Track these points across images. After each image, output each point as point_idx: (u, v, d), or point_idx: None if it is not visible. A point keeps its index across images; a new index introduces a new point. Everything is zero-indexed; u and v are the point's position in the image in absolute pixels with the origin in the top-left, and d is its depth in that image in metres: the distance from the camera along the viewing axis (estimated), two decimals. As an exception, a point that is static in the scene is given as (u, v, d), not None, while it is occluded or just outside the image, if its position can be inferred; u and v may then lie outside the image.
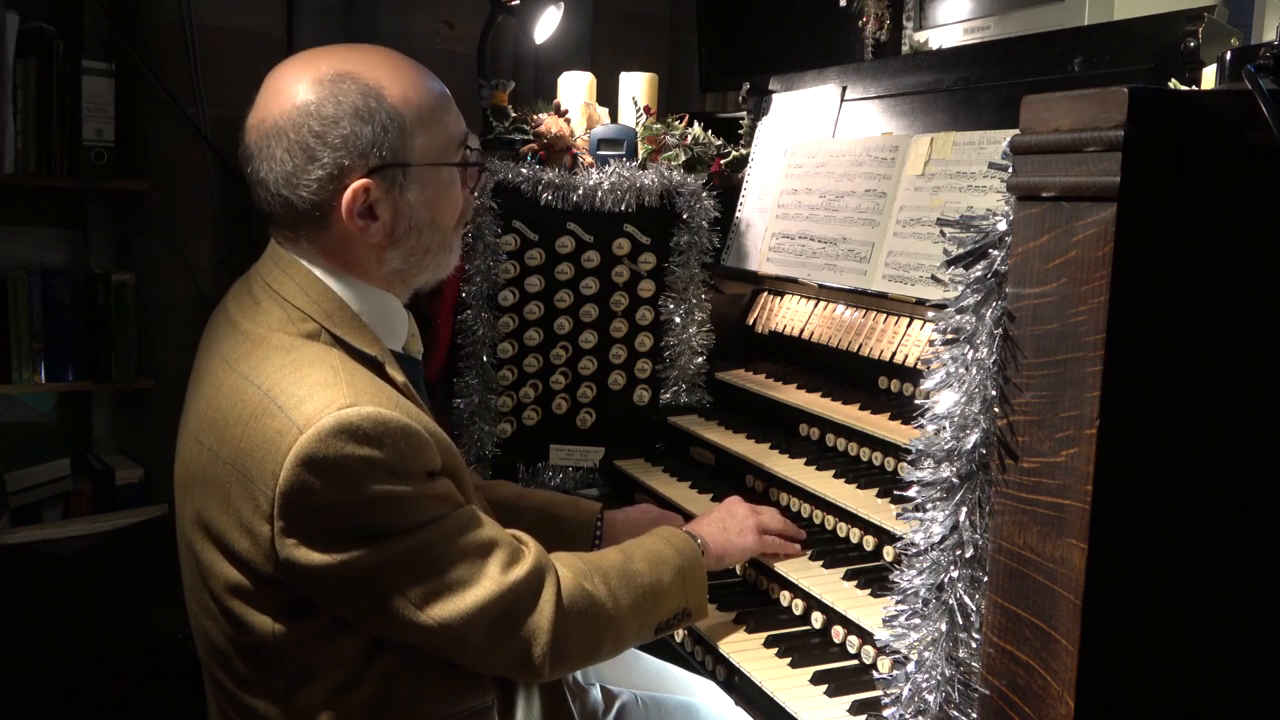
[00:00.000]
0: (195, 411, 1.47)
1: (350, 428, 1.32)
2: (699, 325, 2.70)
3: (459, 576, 1.40)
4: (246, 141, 1.46)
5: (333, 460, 1.31)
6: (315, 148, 1.41)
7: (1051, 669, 1.14)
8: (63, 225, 3.48)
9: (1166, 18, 1.86)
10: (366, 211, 1.45)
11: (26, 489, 3.27)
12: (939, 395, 1.27)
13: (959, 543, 1.26)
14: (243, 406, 1.37)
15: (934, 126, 2.30)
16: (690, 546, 1.74)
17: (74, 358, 3.32)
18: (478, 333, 2.60)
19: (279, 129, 1.42)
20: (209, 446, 1.41)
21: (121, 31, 3.36)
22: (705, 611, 1.75)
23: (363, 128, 1.42)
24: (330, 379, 1.36)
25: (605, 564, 1.60)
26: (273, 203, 1.46)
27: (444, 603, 1.39)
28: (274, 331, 1.44)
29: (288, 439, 1.32)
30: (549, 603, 1.47)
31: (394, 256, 1.51)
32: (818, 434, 2.26)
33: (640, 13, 4.37)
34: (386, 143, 1.43)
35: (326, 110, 1.41)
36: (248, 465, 1.35)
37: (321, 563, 1.34)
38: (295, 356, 1.40)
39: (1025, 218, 1.16)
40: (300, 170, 1.42)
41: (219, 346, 1.50)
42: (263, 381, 1.38)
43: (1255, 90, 1.07)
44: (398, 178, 1.46)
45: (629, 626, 1.59)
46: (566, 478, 2.68)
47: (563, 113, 2.71)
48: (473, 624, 1.40)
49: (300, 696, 1.42)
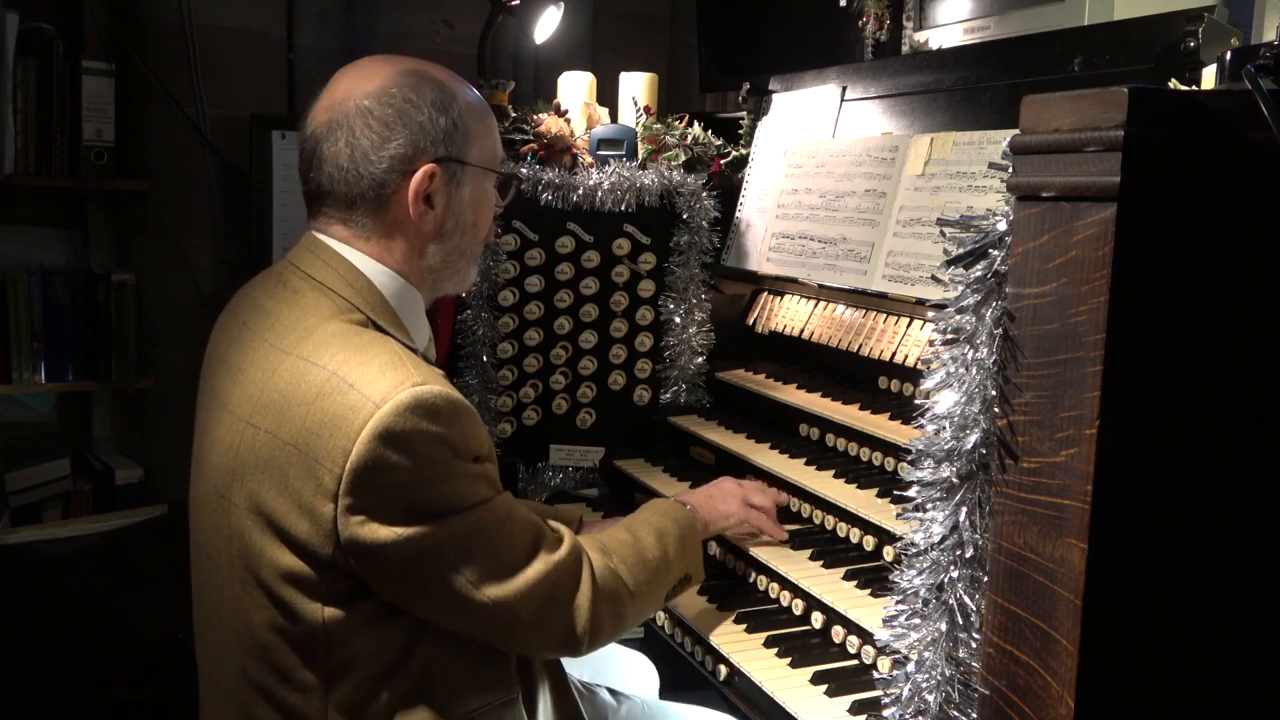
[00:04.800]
0: (242, 397, 1.48)
1: (425, 404, 1.38)
2: (699, 325, 2.70)
3: (509, 558, 1.47)
4: (317, 122, 1.54)
5: (409, 434, 1.36)
6: (395, 125, 1.51)
7: (1051, 669, 1.14)
8: (63, 225, 3.48)
9: (1166, 18, 1.86)
10: (425, 199, 1.55)
11: (26, 489, 3.27)
12: (939, 395, 1.27)
13: (959, 543, 1.26)
14: (306, 387, 1.40)
15: (934, 126, 2.30)
16: (685, 515, 1.83)
17: (74, 358, 3.33)
18: (478, 333, 2.60)
19: (363, 108, 1.51)
20: (266, 429, 1.43)
21: (121, 31, 3.36)
22: (702, 575, 1.83)
23: (439, 118, 1.54)
24: (395, 362, 1.42)
25: (620, 545, 1.67)
26: (336, 182, 1.53)
27: (498, 583, 1.45)
28: (328, 320, 1.48)
29: (363, 414, 1.36)
30: (587, 582, 1.56)
31: (434, 252, 1.59)
32: (818, 434, 2.26)
33: (640, 13, 4.37)
34: (455, 138, 1.55)
35: (410, 95, 1.53)
36: (312, 444, 1.38)
37: (387, 539, 1.38)
38: (357, 341, 1.45)
39: (1025, 218, 1.16)
40: (377, 146, 1.51)
41: (259, 334, 1.52)
42: (328, 362, 1.41)
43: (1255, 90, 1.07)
44: (457, 172, 1.57)
45: (646, 599, 1.68)
46: (566, 478, 2.68)
47: (563, 113, 2.71)
48: (524, 602, 1.47)
49: (338, 689, 1.44)
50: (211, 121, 3.42)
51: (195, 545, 1.59)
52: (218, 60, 3.42)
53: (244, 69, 3.50)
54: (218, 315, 1.67)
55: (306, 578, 1.41)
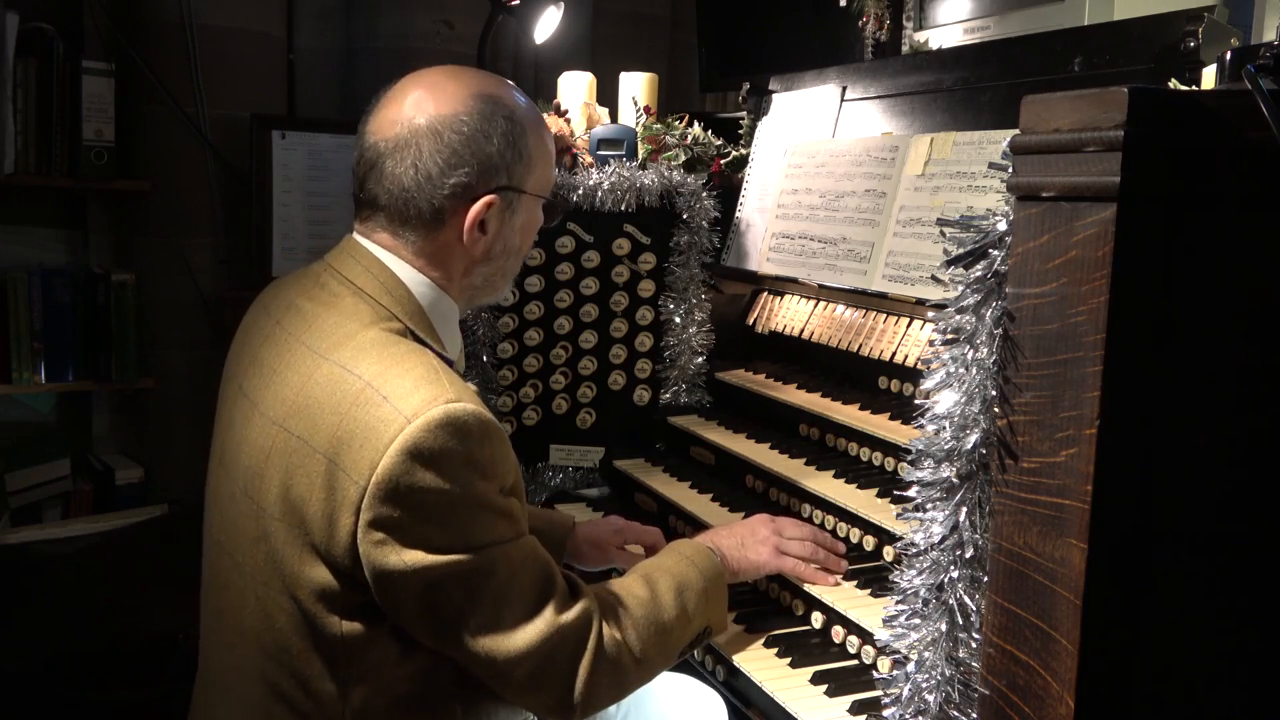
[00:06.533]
0: (275, 400, 1.47)
1: (457, 423, 1.36)
2: (699, 325, 2.70)
3: (513, 612, 1.42)
4: (384, 135, 1.52)
5: (438, 452, 1.35)
6: (463, 155, 1.51)
7: (1051, 669, 1.14)
8: (63, 225, 3.49)
9: (1166, 18, 1.86)
10: (480, 225, 1.55)
11: (26, 489, 3.27)
12: (939, 395, 1.27)
13: (959, 543, 1.26)
14: (341, 396, 1.39)
15: (934, 126, 2.30)
16: (712, 564, 1.73)
17: (74, 358, 3.33)
18: (477, 333, 2.60)
19: (434, 130, 1.50)
20: (298, 434, 1.41)
21: (121, 31, 3.36)
22: (725, 626, 1.75)
23: (506, 150, 1.54)
24: (432, 376, 1.40)
25: (635, 604, 1.59)
26: (395, 198, 1.52)
27: (495, 637, 1.41)
28: (366, 327, 1.48)
29: (393, 427, 1.34)
30: (590, 652, 1.48)
31: (480, 272, 1.61)
32: (818, 434, 2.26)
33: (640, 13, 4.37)
34: (517, 169, 1.56)
35: (480, 126, 1.52)
36: (342, 455, 1.36)
37: (396, 565, 1.36)
38: (394, 351, 1.44)
39: (1025, 218, 1.16)
40: (444, 173, 1.51)
41: (295, 335, 1.51)
42: (364, 372, 1.40)
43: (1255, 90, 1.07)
44: (513, 201, 1.58)
45: (655, 663, 1.60)
46: (566, 478, 2.68)
47: (563, 113, 2.71)
48: (517, 663, 1.43)
49: (357, 702, 1.44)
50: (211, 121, 3.42)
51: (214, 543, 1.57)
52: (218, 60, 3.42)
53: (244, 69, 3.50)
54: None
55: (330, 588, 1.40)
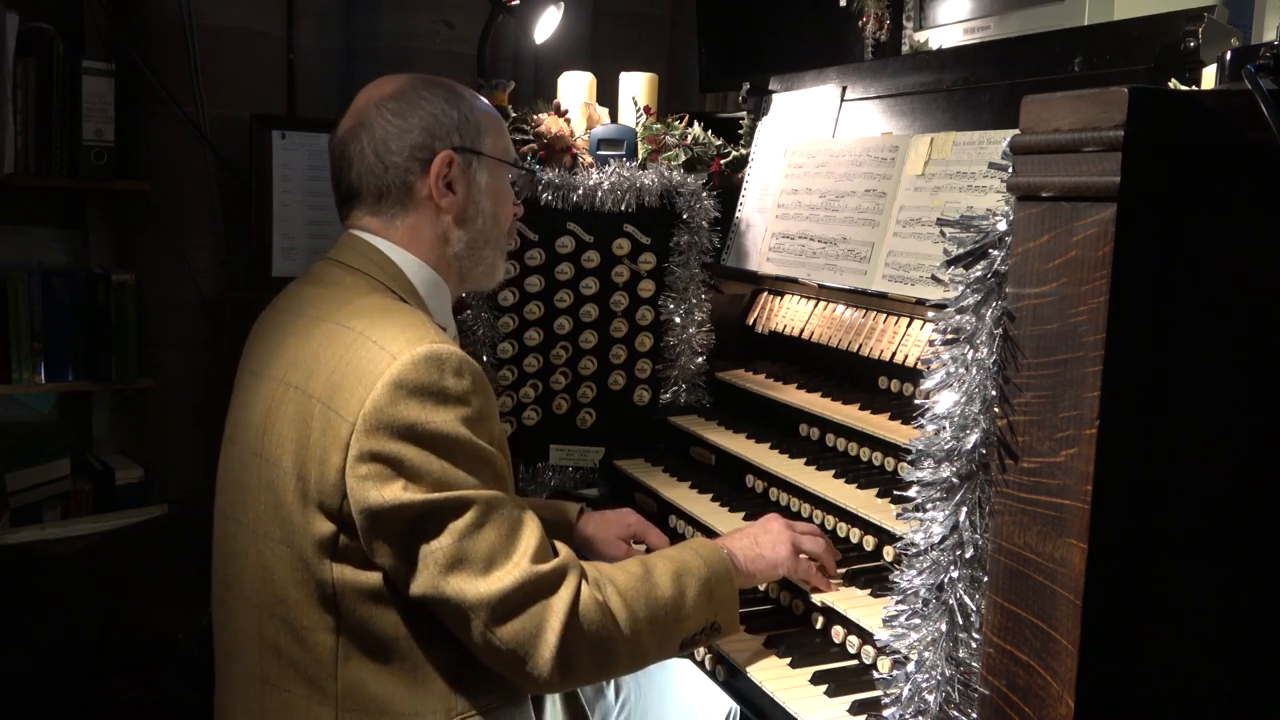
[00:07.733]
0: (279, 362, 1.58)
1: (441, 359, 1.46)
2: (699, 325, 2.70)
3: (489, 555, 1.45)
4: (343, 129, 1.70)
5: (422, 384, 1.44)
6: (410, 116, 1.67)
7: (1051, 669, 1.14)
8: (62, 225, 3.48)
9: (1166, 18, 1.86)
10: (447, 185, 1.69)
11: (26, 489, 3.26)
12: (939, 395, 1.27)
13: (959, 543, 1.26)
14: (337, 345, 1.51)
15: (934, 126, 2.30)
16: (719, 558, 1.71)
17: (74, 358, 3.32)
18: (477, 333, 2.60)
19: (380, 108, 1.68)
20: (296, 385, 1.51)
21: (121, 31, 3.36)
22: (736, 627, 1.73)
23: (449, 111, 1.70)
24: (420, 324, 1.54)
25: (626, 578, 1.58)
26: (363, 177, 1.68)
27: (470, 577, 1.43)
28: (363, 294, 1.61)
29: (381, 364, 1.45)
30: (566, 607, 1.47)
31: (459, 238, 1.73)
32: (818, 434, 2.26)
33: (640, 13, 4.36)
34: (467, 130, 1.71)
35: (421, 94, 1.70)
36: (335, 398, 1.46)
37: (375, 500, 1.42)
38: (389, 308, 1.58)
39: (1025, 218, 1.16)
40: (396, 137, 1.66)
41: (299, 312, 1.63)
42: (357, 324, 1.52)
43: (1255, 90, 1.07)
44: (472, 162, 1.73)
45: (649, 641, 1.58)
46: (566, 478, 2.68)
47: (563, 113, 2.71)
48: (489, 607, 1.43)
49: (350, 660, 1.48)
50: (211, 121, 3.42)
51: (221, 517, 1.64)
52: (218, 60, 3.42)
53: (244, 69, 3.49)
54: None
55: (326, 535, 1.46)
